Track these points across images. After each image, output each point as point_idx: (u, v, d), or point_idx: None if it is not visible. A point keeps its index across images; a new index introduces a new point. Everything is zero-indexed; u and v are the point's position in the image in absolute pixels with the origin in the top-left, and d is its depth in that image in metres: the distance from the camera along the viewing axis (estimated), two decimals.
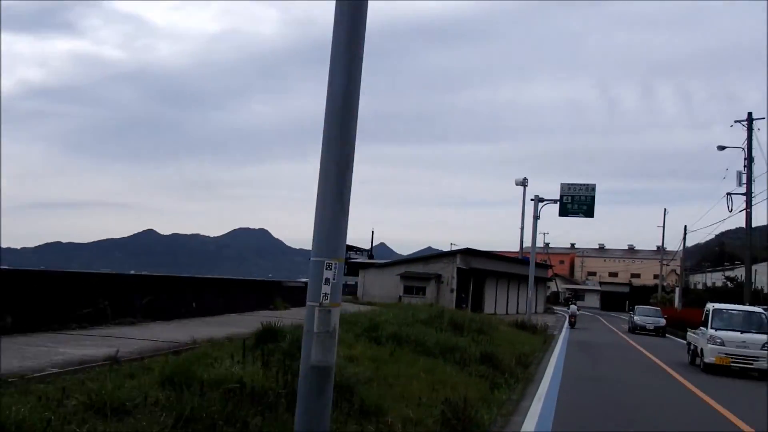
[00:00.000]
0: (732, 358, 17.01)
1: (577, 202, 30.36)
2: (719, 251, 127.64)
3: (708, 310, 18.66)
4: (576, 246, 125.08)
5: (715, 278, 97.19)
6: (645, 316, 37.21)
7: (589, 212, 30.68)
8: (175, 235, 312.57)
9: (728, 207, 29.68)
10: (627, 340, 29.12)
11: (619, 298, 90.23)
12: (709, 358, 17.31)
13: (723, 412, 11.36)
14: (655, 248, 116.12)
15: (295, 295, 28.72)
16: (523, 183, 51.39)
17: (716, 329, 17.53)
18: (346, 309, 20.34)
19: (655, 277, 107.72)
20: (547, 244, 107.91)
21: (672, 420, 10.90)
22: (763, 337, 17.06)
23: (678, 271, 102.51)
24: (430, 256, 45.15)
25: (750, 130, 29.58)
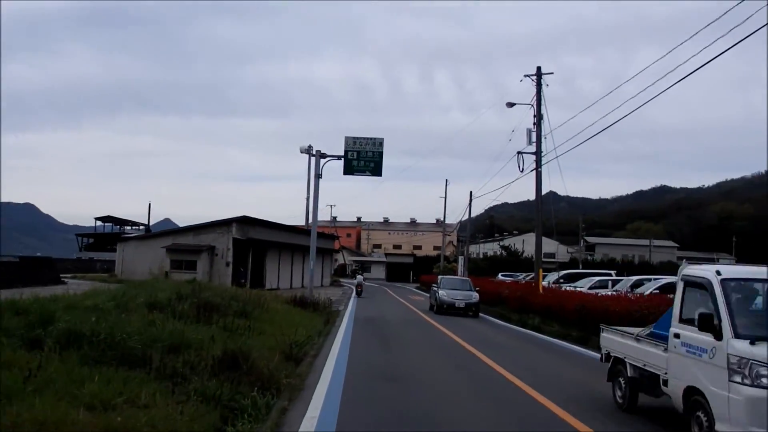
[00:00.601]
0: None
1: (364, 158, 25.95)
2: (489, 224, 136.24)
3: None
4: (362, 220, 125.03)
5: (487, 248, 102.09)
6: (453, 289, 27.08)
7: (376, 170, 26.39)
8: None
9: (519, 167, 27.33)
10: (427, 318, 24.87)
11: (403, 269, 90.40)
12: None
13: None
14: (435, 221, 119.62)
15: None
16: (308, 151, 46.63)
17: None
18: (38, 292, 13.91)
19: (435, 248, 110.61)
20: (335, 218, 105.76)
21: None
22: None
23: (455, 242, 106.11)
24: (201, 225, 38.47)
25: (539, 84, 27.34)
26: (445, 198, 63.76)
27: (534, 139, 27.23)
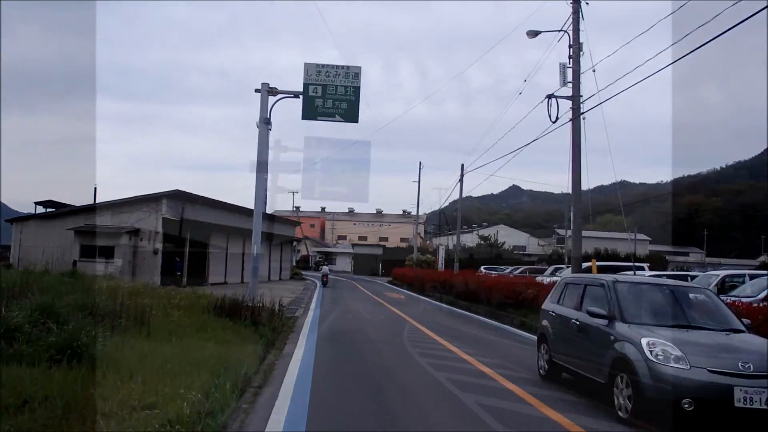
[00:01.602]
0: None
1: (332, 96, 16.95)
2: (455, 216, 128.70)
3: None
4: (326, 210, 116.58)
5: (454, 240, 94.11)
6: (687, 328, 7.03)
7: (350, 113, 17.21)
8: None
9: (549, 115, 18.95)
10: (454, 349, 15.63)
11: (371, 261, 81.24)
12: None
13: None
14: (401, 212, 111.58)
15: None
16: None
17: None
18: None
19: (402, 239, 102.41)
20: (298, 207, 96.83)
21: None
22: None
23: (422, 234, 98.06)
24: (123, 201, 28.94)
25: (577, 2, 19.09)
26: (419, 181, 55.59)
27: (570, 78, 18.97)
